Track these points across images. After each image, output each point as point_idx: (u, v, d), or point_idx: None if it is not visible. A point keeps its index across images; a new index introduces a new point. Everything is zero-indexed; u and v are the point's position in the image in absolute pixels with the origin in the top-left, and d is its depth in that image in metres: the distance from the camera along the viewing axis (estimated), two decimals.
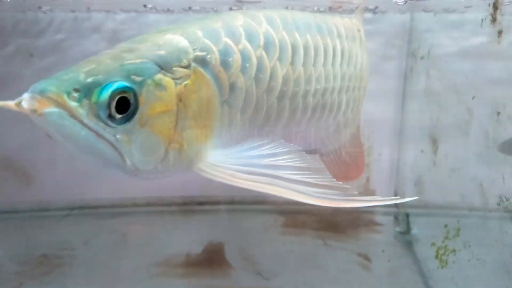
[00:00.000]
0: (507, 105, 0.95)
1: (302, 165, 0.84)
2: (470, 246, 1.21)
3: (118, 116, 0.75)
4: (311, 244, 1.69)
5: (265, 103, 0.92)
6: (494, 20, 0.97)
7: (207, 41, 0.85)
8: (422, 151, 1.53)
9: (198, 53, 0.83)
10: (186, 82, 0.82)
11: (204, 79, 0.83)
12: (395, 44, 1.78)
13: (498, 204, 0.95)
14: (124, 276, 1.46)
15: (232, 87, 0.87)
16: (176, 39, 0.84)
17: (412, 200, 1.75)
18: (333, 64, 1.03)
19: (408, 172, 1.77)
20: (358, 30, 1.18)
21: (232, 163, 0.84)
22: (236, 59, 0.86)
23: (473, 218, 1.20)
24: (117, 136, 0.76)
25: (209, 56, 0.84)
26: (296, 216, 1.90)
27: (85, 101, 0.74)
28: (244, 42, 0.88)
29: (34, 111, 0.71)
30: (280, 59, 0.92)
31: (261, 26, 0.92)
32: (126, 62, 0.79)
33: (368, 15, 1.68)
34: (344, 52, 1.07)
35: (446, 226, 1.33)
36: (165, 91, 0.79)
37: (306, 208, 1.94)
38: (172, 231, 1.76)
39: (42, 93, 0.72)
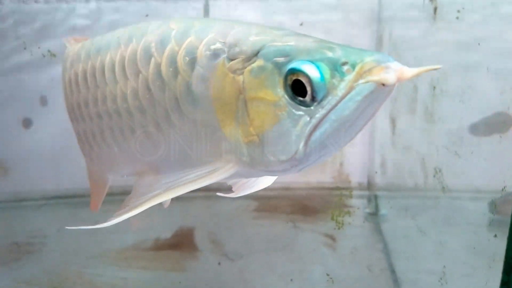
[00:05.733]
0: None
1: None
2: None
3: None
4: (281, 226, 1.72)
5: None
6: None
7: None
8: (383, 131, 1.54)
9: None
10: None
11: None
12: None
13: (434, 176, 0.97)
14: (93, 260, 1.49)
15: None
16: None
17: (379, 182, 1.79)
18: None
19: (377, 154, 1.79)
20: None
21: None
22: None
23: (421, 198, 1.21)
24: None
25: None
26: (268, 201, 1.92)
27: None
28: None
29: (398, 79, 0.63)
30: None
31: None
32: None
33: None
34: None
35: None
36: None
37: (279, 193, 1.97)
38: (144, 218, 1.79)
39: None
